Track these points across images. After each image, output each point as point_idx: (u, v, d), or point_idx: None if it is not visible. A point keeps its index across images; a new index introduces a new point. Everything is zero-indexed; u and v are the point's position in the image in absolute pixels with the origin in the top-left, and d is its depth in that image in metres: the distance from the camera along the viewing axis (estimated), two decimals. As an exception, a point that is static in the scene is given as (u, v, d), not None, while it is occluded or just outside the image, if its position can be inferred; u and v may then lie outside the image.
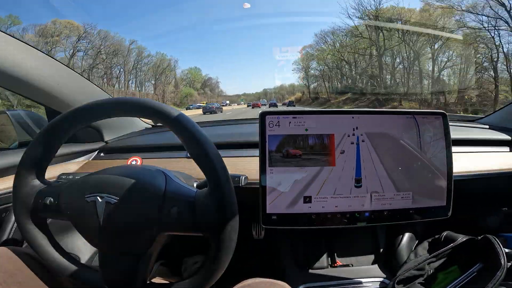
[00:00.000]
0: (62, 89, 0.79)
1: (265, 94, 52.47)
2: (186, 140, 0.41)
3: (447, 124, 0.61)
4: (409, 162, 0.60)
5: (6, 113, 0.85)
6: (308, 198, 0.58)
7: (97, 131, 0.95)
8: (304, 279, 0.71)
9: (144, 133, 1.07)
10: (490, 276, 0.54)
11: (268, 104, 36.84)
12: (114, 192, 0.41)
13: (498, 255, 0.56)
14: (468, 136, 0.84)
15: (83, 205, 0.42)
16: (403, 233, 0.80)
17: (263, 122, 0.58)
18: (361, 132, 0.59)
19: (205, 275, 0.41)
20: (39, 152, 0.45)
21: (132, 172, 0.44)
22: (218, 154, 0.41)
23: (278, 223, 0.58)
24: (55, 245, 0.47)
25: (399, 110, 0.60)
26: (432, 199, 0.61)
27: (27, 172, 0.45)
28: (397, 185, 0.59)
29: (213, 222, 0.40)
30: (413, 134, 0.60)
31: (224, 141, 0.84)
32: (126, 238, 0.42)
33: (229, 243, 0.40)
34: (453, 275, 0.62)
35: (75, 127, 0.45)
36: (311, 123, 0.58)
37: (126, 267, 0.43)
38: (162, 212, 0.41)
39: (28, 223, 0.45)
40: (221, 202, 0.40)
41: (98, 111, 0.45)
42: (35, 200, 0.45)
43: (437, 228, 0.75)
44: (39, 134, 0.45)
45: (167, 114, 0.41)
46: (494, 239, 0.60)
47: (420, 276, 0.65)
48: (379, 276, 0.71)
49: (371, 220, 0.60)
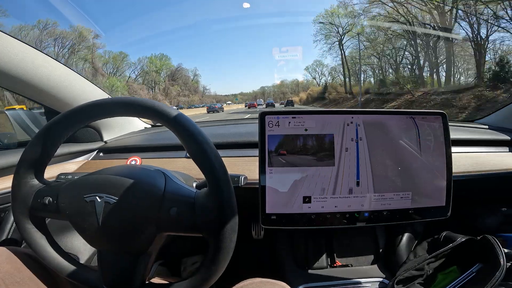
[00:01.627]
0: (61, 89, 0.79)
1: (263, 93, 51.81)
2: (185, 140, 0.41)
3: (446, 124, 0.61)
4: (409, 162, 0.60)
5: (4, 112, 0.85)
6: (308, 198, 0.58)
7: (96, 131, 0.94)
8: (303, 279, 0.71)
9: (143, 133, 1.07)
10: (490, 276, 0.54)
11: (264, 104, 36.44)
12: (113, 192, 0.41)
13: (497, 255, 0.57)
14: (467, 136, 0.84)
15: (82, 205, 0.42)
16: (403, 233, 0.80)
17: (263, 122, 0.58)
18: (360, 132, 0.59)
19: (204, 276, 0.41)
20: (37, 151, 0.44)
21: (131, 172, 0.44)
22: (218, 154, 0.41)
23: (277, 223, 0.58)
24: (53, 244, 0.47)
25: (399, 110, 0.60)
26: (431, 199, 0.61)
27: (26, 171, 0.45)
28: (397, 185, 0.59)
29: (212, 223, 0.40)
30: (412, 134, 0.60)
31: (223, 141, 0.84)
32: (125, 238, 0.42)
33: (229, 244, 0.40)
34: (452, 275, 0.62)
35: (73, 127, 0.45)
36: (310, 123, 0.58)
37: (125, 267, 0.43)
38: (161, 212, 0.41)
39: (27, 223, 0.45)
40: (221, 203, 0.39)
41: (97, 111, 0.44)
42: (33, 199, 0.45)
43: (436, 228, 0.75)
44: (37, 134, 0.45)
45: (166, 114, 0.41)
46: (493, 239, 0.60)
47: (419, 276, 0.65)
48: (378, 276, 0.71)
49: (371, 220, 0.60)
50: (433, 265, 0.67)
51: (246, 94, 58.27)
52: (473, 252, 0.64)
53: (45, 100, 0.80)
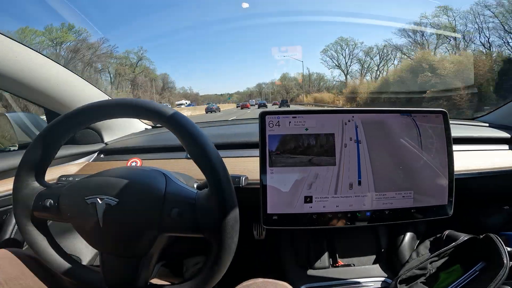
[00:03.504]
0: (62, 91, 0.79)
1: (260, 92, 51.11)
2: (185, 141, 0.41)
3: (447, 123, 0.61)
4: (410, 161, 0.59)
5: (5, 115, 0.85)
6: (309, 198, 0.58)
7: (97, 133, 0.95)
8: (306, 279, 0.71)
9: (144, 134, 1.07)
10: (493, 275, 0.54)
11: (257, 104, 35.72)
12: (114, 193, 0.41)
13: (500, 254, 0.56)
14: (468, 134, 0.84)
15: (83, 207, 0.42)
16: (405, 232, 0.80)
17: (263, 122, 0.58)
18: (361, 131, 0.58)
19: (206, 276, 0.41)
20: (38, 154, 0.44)
21: (132, 174, 0.44)
22: (218, 154, 0.41)
23: (279, 223, 0.58)
24: (56, 247, 0.47)
25: (400, 109, 0.60)
26: (433, 198, 0.61)
27: (27, 174, 0.45)
28: (398, 184, 0.59)
29: (214, 223, 0.40)
30: (413, 133, 0.60)
31: (224, 141, 0.84)
32: (127, 240, 0.42)
33: (230, 244, 0.40)
34: (455, 274, 0.62)
35: (74, 129, 0.45)
36: (311, 123, 0.58)
37: (128, 268, 0.43)
38: (163, 213, 0.41)
39: (28, 225, 0.45)
40: (222, 203, 0.39)
41: (97, 113, 0.44)
42: (35, 202, 0.45)
43: (438, 227, 0.75)
44: (38, 136, 0.45)
45: (165, 115, 0.41)
46: (496, 238, 0.60)
47: (422, 276, 0.65)
48: (381, 276, 0.71)
49: (373, 219, 0.59)
50: (436, 264, 0.66)
51: (241, 93, 57.99)
52: (476, 251, 0.63)
53: (45, 102, 0.80)
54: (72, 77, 0.82)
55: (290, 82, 45.16)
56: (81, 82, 0.85)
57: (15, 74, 0.67)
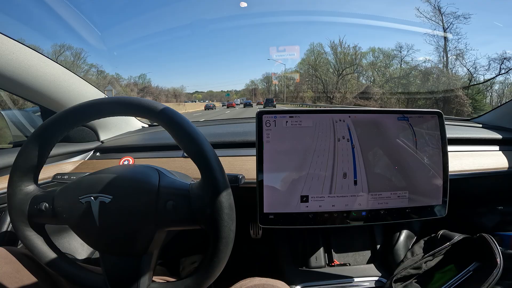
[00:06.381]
0: (57, 89, 0.78)
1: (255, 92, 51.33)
2: (176, 134, 0.41)
3: (442, 123, 0.61)
4: (405, 161, 0.60)
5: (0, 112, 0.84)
6: (305, 197, 0.58)
7: (92, 131, 0.94)
8: (302, 278, 0.71)
9: (140, 133, 1.07)
10: (487, 275, 0.54)
11: (242, 104, 37.15)
12: (107, 190, 0.41)
13: (494, 254, 0.57)
14: (462, 135, 0.84)
15: (78, 207, 0.41)
16: (400, 231, 0.80)
17: (260, 121, 0.58)
18: (357, 131, 0.59)
19: (206, 270, 0.40)
20: (31, 156, 0.43)
21: (124, 170, 0.44)
22: (209, 145, 0.41)
23: (275, 223, 0.58)
24: (56, 250, 0.46)
25: (395, 110, 0.60)
26: (428, 198, 0.61)
27: (20, 179, 0.44)
28: (394, 184, 0.60)
29: (209, 212, 0.39)
30: (408, 133, 0.60)
31: (221, 140, 0.84)
32: (125, 237, 0.41)
33: (228, 233, 0.40)
34: (449, 274, 0.63)
35: (67, 129, 0.44)
36: (307, 122, 0.58)
37: (130, 268, 0.42)
38: (158, 207, 0.40)
39: (26, 230, 0.44)
40: (215, 190, 0.39)
41: (90, 112, 0.44)
42: (30, 206, 0.44)
43: (433, 226, 0.76)
44: (30, 137, 0.44)
45: (156, 110, 0.41)
46: (490, 238, 0.60)
47: (417, 275, 0.66)
48: (376, 275, 0.71)
49: (368, 219, 0.60)
50: (431, 264, 0.67)
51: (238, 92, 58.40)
52: (470, 251, 0.64)
53: (40, 100, 0.79)
54: (68, 75, 0.81)
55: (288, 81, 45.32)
56: (77, 80, 0.84)
57: (11, 72, 0.67)
